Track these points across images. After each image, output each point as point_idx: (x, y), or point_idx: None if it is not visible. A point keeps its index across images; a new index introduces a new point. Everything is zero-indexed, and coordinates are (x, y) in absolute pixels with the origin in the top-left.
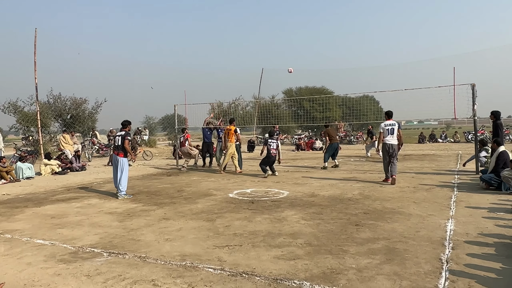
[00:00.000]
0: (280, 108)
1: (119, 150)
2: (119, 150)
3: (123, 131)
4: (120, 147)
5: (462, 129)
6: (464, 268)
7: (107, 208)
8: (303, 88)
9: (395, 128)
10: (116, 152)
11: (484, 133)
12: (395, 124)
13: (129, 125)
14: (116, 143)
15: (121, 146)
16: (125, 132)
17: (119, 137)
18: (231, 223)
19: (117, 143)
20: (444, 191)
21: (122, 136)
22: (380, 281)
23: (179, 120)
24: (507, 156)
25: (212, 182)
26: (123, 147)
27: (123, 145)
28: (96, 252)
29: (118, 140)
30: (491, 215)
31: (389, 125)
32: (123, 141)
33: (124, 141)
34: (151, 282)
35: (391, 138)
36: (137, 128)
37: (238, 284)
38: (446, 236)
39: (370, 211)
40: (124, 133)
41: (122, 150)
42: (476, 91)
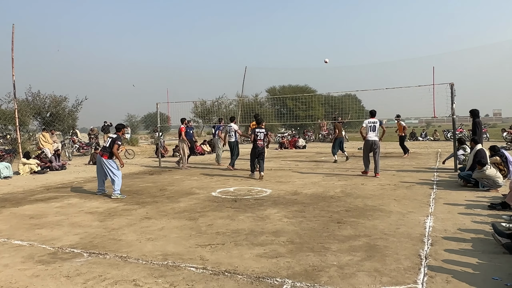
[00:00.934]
0: (263, 107)
1: (104, 151)
2: (104, 152)
3: (116, 134)
4: (107, 149)
5: (441, 128)
6: (442, 263)
7: (87, 208)
8: (287, 87)
9: (377, 125)
10: (101, 153)
11: (462, 132)
12: (377, 122)
13: (123, 128)
14: (105, 144)
15: (109, 148)
16: (117, 136)
17: (110, 139)
18: (213, 221)
19: (106, 144)
20: (424, 188)
21: (113, 139)
22: (361, 277)
23: (162, 118)
24: (484, 154)
25: (195, 180)
26: (110, 150)
27: (111, 149)
28: (76, 253)
29: (107, 141)
30: (468, 211)
31: (372, 122)
32: (112, 145)
33: (114, 145)
34: (132, 282)
35: (373, 135)
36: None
37: (220, 283)
38: (425, 232)
39: (352, 208)
40: (116, 137)
41: (108, 152)
42: (455, 90)
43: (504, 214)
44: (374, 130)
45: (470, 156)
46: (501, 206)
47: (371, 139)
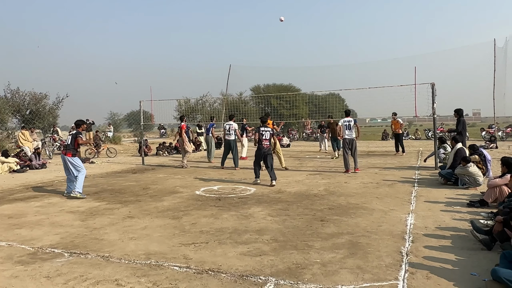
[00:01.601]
0: (248, 105)
1: (67, 149)
2: (67, 150)
3: (76, 130)
4: (70, 147)
5: (423, 127)
6: (423, 260)
7: (68, 207)
8: (271, 85)
9: (351, 124)
10: (64, 152)
11: (443, 131)
12: (352, 120)
13: (82, 124)
14: (66, 143)
15: (71, 146)
16: (76, 131)
17: (70, 136)
18: (197, 220)
19: (67, 142)
20: (405, 186)
21: (73, 135)
22: (344, 274)
23: (145, 116)
24: (463, 153)
25: (179, 179)
26: (73, 147)
27: (74, 146)
28: (57, 253)
29: (68, 139)
30: (448, 209)
31: (347, 121)
32: (74, 141)
33: (77, 139)
34: (115, 282)
35: (349, 133)
36: (86, 121)
37: (204, 282)
38: (407, 230)
39: (335, 206)
40: (75, 132)
41: (71, 150)
42: (436, 90)
43: (482, 212)
44: (350, 128)
45: (450, 155)
46: (479, 204)
47: (348, 138)
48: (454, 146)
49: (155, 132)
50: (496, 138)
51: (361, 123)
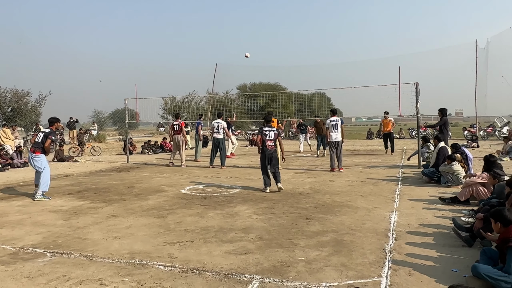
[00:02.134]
0: (234, 104)
1: (36, 147)
2: (36, 147)
3: (49, 128)
4: (39, 145)
5: (407, 126)
6: (406, 257)
7: (51, 206)
8: (257, 84)
9: (338, 123)
10: (32, 149)
11: (426, 130)
12: (339, 120)
13: (56, 122)
14: (36, 140)
15: (41, 144)
16: (50, 130)
17: (42, 134)
18: (182, 219)
19: (37, 139)
20: (389, 184)
21: (46, 134)
22: (328, 272)
23: (130, 114)
24: (446, 152)
25: (164, 178)
26: (43, 145)
27: (44, 144)
28: (39, 253)
29: (39, 137)
30: (431, 206)
31: (333, 121)
32: (45, 140)
33: (46, 140)
34: (98, 282)
35: (335, 135)
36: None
37: (189, 280)
38: (390, 227)
39: (320, 204)
40: (49, 131)
41: (40, 148)
42: (419, 90)
43: (464, 209)
44: (336, 128)
45: (433, 154)
46: (450, 200)
47: (334, 140)
48: (437, 145)
49: (140, 130)
50: (478, 137)
51: (346, 122)
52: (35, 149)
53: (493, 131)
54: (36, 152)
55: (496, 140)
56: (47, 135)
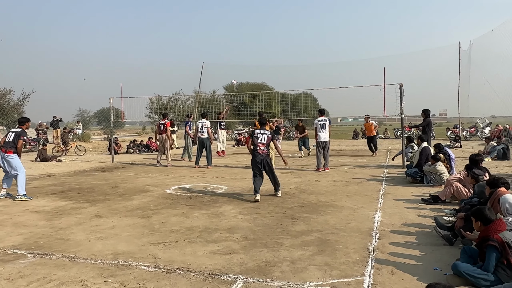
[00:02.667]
0: (221, 103)
1: (8, 147)
2: (7, 147)
3: (20, 128)
4: (10, 144)
5: (392, 126)
6: (388, 256)
7: (33, 207)
8: (244, 84)
9: (326, 123)
10: (4, 150)
11: (411, 130)
12: (327, 120)
13: (26, 122)
14: (7, 139)
15: (12, 143)
16: (21, 130)
17: (13, 133)
18: (167, 219)
19: (8, 139)
20: (374, 184)
21: (17, 133)
22: (312, 271)
23: (116, 114)
24: (428, 152)
25: (150, 178)
26: (14, 145)
27: (16, 144)
28: (19, 254)
29: (10, 136)
30: (414, 206)
31: (322, 121)
32: (16, 139)
33: (18, 141)
34: (80, 283)
35: (323, 135)
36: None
37: (173, 281)
38: (374, 226)
39: (305, 204)
40: (20, 131)
41: (12, 147)
42: (404, 91)
43: (446, 209)
44: (324, 128)
45: (416, 154)
46: (432, 200)
47: (322, 140)
48: (420, 145)
49: (126, 129)
50: (461, 138)
51: (333, 122)
52: (7, 149)
53: (475, 132)
54: (8, 152)
55: (479, 140)
56: (18, 134)
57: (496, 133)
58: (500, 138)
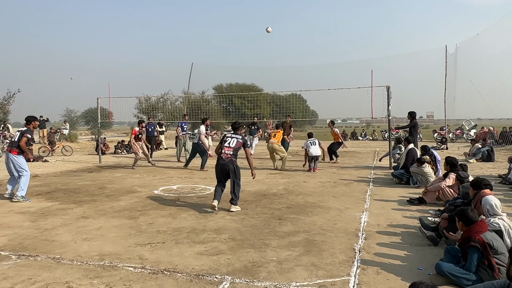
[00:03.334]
0: (210, 104)
1: (13, 146)
2: (12, 147)
3: (26, 127)
4: (15, 143)
5: (380, 128)
6: (374, 256)
7: (18, 208)
8: (234, 85)
9: (316, 141)
10: (9, 149)
11: (398, 132)
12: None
13: (33, 121)
14: (13, 139)
15: (17, 143)
16: (27, 129)
17: (19, 132)
18: (155, 220)
19: (14, 138)
20: (361, 185)
21: (22, 132)
22: (298, 272)
23: (103, 114)
24: (415, 153)
25: (137, 178)
26: (18, 143)
27: (19, 142)
28: (3, 255)
29: (16, 135)
30: (400, 207)
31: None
32: (21, 138)
33: (22, 138)
34: (65, 284)
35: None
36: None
37: (159, 282)
38: (360, 227)
39: (293, 205)
40: (25, 129)
41: (17, 147)
42: (391, 93)
43: (430, 209)
44: (315, 144)
45: (403, 155)
46: (418, 201)
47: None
48: (406, 147)
49: (114, 130)
50: (447, 140)
51: (321, 124)
52: (11, 149)
53: (461, 134)
54: (13, 151)
55: (464, 142)
56: (23, 133)
57: (481, 135)
58: (485, 140)
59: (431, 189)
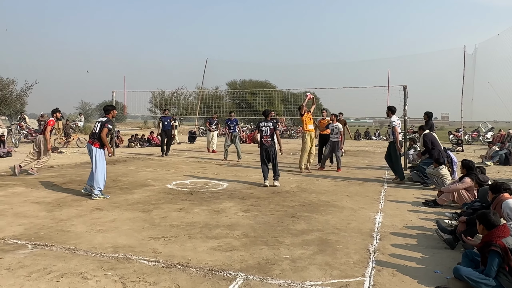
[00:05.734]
0: (223, 100)
1: (94, 138)
2: (94, 139)
3: (105, 117)
4: (96, 135)
5: None
6: (389, 258)
7: (34, 197)
8: (247, 81)
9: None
10: (91, 141)
11: (415, 134)
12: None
13: (112, 110)
14: (93, 130)
15: (98, 134)
16: (107, 119)
17: (99, 123)
18: (168, 214)
19: (94, 130)
20: (375, 185)
21: (103, 122)
22: (312, 270)
23: (118, 107)
24: (431, 137)
25: (151, 172)
26: (99, 135)
27: (100, 133)
28: (20, 244)
29: (96, 127)
30: (415, 208)
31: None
32: (101, 129)
33: (103, 129)
34: (80, 275)
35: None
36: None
37: (172, 276)
38: (375, 228)
39: (306, 203)
40: (105, 120)
41: (98, 139)
42: (408, 93)
43: (447, 212)
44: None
45: (419, 143)
46: (433, 203)
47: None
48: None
49: (127, 123)
50: (463, 142)
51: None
52: (93, 141)
53: (477, 136)
54: (95, 144)
55: (481, 144)
56: (104, 123)
57: (499, 138)
58: (504, 143)
59: (445, 190)
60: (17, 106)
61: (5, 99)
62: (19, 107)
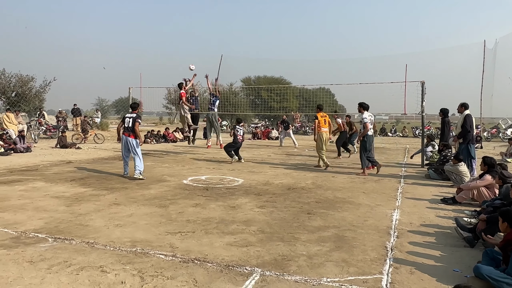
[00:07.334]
0: (238, 96)
1: (130, 131)
2: (130, 132)
3: (134, 113)
4: (130, 129)
5: (410, 125)
6: (407, 255)
7: (53, 192)
8: (262, 77)
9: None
10: (127, 134)
11: (430, 129)
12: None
13: (138, 107)
14: (126, 125)
15: (132, 128)
16: (136, 115)
17: (130, 119)
18: (184, 209)
19: (127, 124)
20: (392, 182)
21: (134, 118)
22: (329, 267)
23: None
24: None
25: (166, 168)
26: (133, 128)
27: (134, 127)
28: (41, 237)
29: (128, 122)
30: (433, 206)
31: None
32: (134, 123)
33: (135, 123)
34: (99, 268)
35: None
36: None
37: (190, 271)
38: (392, 225)
39: (322, 200)
40: (135, 116)
41: (132, 131)
42: (425, 89)
43: (466, 210)
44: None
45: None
46: (452, 201)
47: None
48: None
49: (143, 119)
50: (482, 138)
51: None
52: (129, 133)
53: (497, 133)
54: (131, 136)
55: (500, 141)
56: (134, 119)
57: None
58: None
59: (464, 187)
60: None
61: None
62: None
